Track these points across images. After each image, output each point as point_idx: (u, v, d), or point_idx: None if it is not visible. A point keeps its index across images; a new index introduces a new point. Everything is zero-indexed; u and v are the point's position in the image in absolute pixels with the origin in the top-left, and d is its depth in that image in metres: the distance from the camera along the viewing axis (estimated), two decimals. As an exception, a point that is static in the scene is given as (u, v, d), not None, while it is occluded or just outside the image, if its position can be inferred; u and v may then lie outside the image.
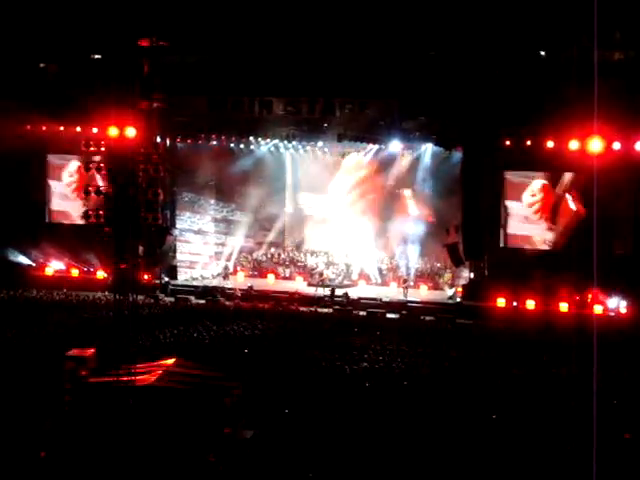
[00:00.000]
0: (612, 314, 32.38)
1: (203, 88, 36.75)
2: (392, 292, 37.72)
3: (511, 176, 35.55)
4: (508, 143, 34.50)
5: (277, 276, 41.30)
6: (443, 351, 27.26)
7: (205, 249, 41.81)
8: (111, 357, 19.89)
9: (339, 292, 36.90)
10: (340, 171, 41.51)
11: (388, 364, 25.37)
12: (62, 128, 38.87)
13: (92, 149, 34.56)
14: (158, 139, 36.31)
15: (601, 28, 22.36)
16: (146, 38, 33.32)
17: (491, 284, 35.03)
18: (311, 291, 37.69)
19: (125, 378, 18.24)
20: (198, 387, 19.05)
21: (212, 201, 42.02)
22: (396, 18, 34.68)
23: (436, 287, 38.81)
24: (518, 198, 35.45)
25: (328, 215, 42.31)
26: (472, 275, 36.52)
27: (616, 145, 32.28)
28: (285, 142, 39.77)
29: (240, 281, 40.13)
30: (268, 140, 39.75)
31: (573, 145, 32.56)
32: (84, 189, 35.40)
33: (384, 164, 40.27)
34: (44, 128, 39.09)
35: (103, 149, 34.36)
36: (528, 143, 34.09)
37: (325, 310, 34.87)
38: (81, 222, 37.21)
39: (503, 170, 35.52)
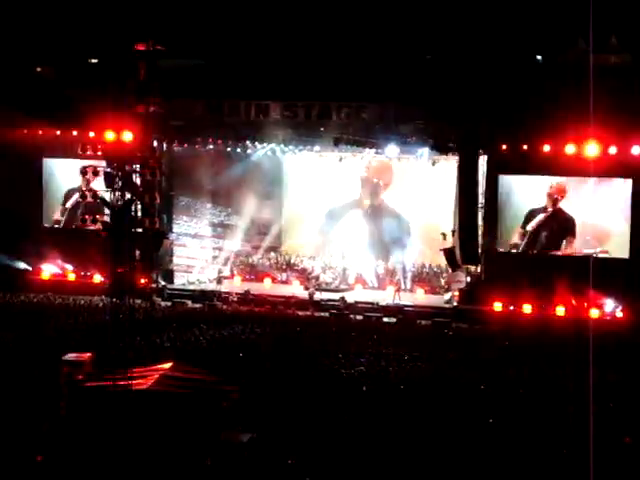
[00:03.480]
0: (608, 318, 32.39)
1: (200, 92, 36.75)
2: (389, 296, 37.71)
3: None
4: (504, 147, 34.53)
5: (274, 280, 41.27)
6: (440, 355, 27.23)
7: (202, 253, 41.74)
8: (108, 361, 19.89)
9: (335, 296, 36.89)
10: (337, 175, 41.56)
11: (385, 368, 25.35)
12: (59, 132, 38.84)
13: (88, 153, 34.64)
14: (155, 143, 36.14)
15: (597, 32, 22.43)
16: (143, 42, 33.27)
17: (488, 288, 35.01)
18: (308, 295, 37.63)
19: (122, 382, 18.22)
20: (195, 391, 19.04)
21: (209, 205, 41.94)
22: (392, 22, 34.76)
23: (433, 291, 38.82)
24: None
25: (326, 218, 42.33)
26: (469, 279, 36.53)
27: (612, 149, 32.35)
28: (282, 146, 39.83)
29: (237, 285, 40.11)
30: (264, 144, 39.79)
31: (569, 149, 32.62)
32: (81, 193, 35.69)
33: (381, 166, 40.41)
34: (40, 132, 39.02)
35: (100, 153, 34.30)
36: (524, 147, 34.14)
37: (322, 314, 34.85)
38: (78, 226, 37.27)
39: (499, 174, 35.53)
